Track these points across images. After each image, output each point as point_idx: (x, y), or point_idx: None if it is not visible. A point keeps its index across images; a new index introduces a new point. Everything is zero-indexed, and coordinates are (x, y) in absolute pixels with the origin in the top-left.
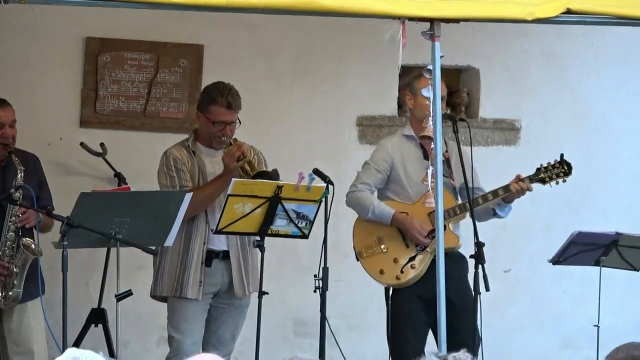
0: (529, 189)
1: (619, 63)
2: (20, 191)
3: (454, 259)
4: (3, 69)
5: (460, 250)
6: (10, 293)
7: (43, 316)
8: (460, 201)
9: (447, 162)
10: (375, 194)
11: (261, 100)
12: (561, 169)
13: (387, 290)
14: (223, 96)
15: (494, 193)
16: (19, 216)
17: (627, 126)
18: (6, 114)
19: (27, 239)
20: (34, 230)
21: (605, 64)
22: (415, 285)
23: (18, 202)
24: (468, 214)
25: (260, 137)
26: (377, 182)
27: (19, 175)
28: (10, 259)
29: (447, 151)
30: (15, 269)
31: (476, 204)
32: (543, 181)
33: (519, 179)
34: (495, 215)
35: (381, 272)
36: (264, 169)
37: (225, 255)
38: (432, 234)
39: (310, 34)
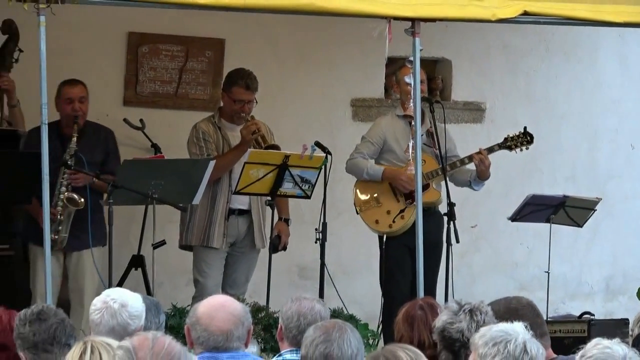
0: (486, 158)
1: (565, 55)
2: (72, 156)
3: (436, 216)
4: (60, 59)
5: (439, 209)
6: (57, 237)
7: (93, 262)
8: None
9: (432, 135)
10: (371, 160)
11: (270, 84)
12: (525, 138)
13: (380, 239)
14: (243, 79)
15: (469, 157)
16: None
17: (571, 108)
18: (75, 91)
19: (71, 193)
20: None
21: (554, 56)
22: (403, 236)
23: (71, 166)
24: (448, 174)
25: (269, 114)
26: (370, 152)
27: (73, 143)
28: (62, 209)
29: (431, 127)
30: (60, 217)
31: (454, 166)
32: (510, 148)
33: (479, 151)
34: (470, 186)
35: (376, 222)
36: (274, 143)
37: (240, 212)
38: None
39: (312, 30)
